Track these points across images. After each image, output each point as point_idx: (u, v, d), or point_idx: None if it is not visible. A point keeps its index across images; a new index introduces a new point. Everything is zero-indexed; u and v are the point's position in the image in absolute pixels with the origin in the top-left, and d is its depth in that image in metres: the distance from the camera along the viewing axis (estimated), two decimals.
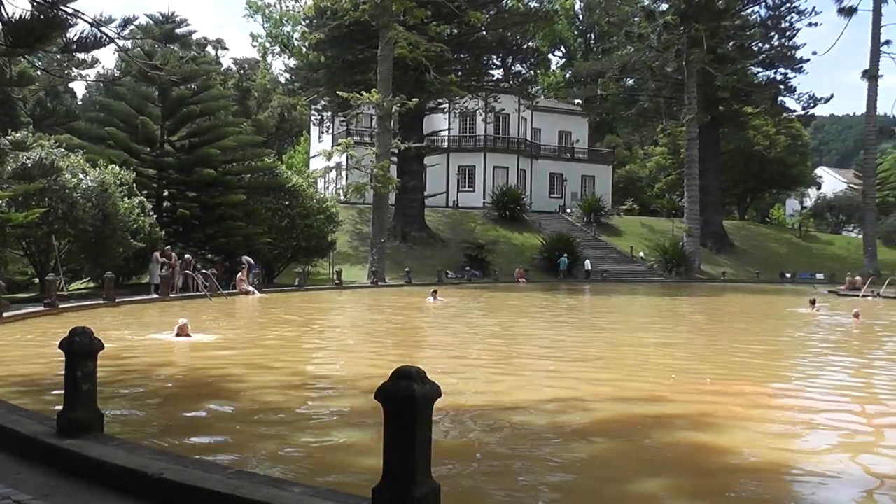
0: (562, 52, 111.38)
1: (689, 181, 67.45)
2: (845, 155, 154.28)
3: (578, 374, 13.94)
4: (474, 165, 74.81)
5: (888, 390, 13.28)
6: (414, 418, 4.77)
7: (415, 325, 24.79)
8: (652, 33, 66.30)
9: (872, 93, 66.14)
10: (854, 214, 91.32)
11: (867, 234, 68.32)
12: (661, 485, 7.15)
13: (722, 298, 41.60)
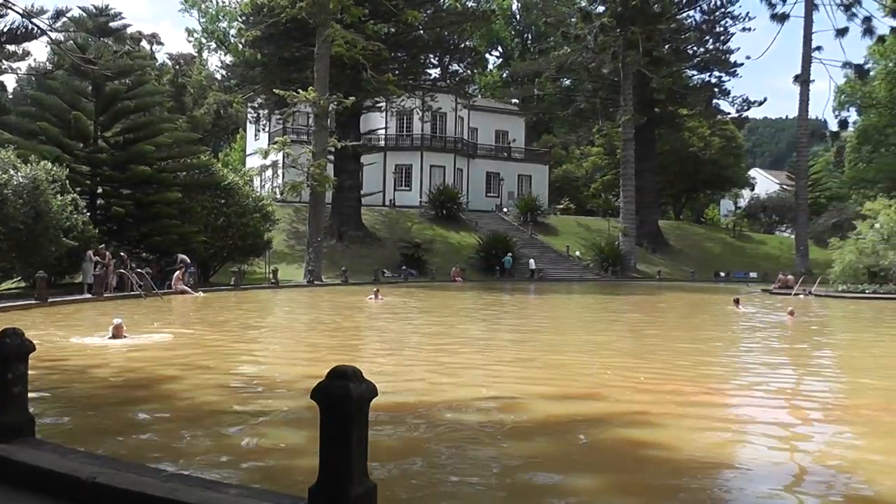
0: (499, 52, 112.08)
1: (625, 181, 68.33)
2: (778, 157, 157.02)
3: (515, 373, 14.03)
4: (411, 164, 75.10)
5: (820, 387, 13.51)
6: (350, 418, 4.73)
7: (353, 325, 24.60)
8: (588, 35, 67.04)
9: (804, 97, 67.47)
10: (787, 215, 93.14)
11: (799, 234, 69.70)
12: (596, 481, 7.22)
13: (657, 297, 41.93)
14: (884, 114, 79.49)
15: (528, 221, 72.56)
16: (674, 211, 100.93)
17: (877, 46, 73.81)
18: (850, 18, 68.10)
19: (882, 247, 46.54)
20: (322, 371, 4.87)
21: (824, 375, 15.13)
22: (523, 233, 69.74)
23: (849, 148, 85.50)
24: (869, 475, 7.43)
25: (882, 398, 12.16)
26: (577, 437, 9.02)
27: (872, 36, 68.62)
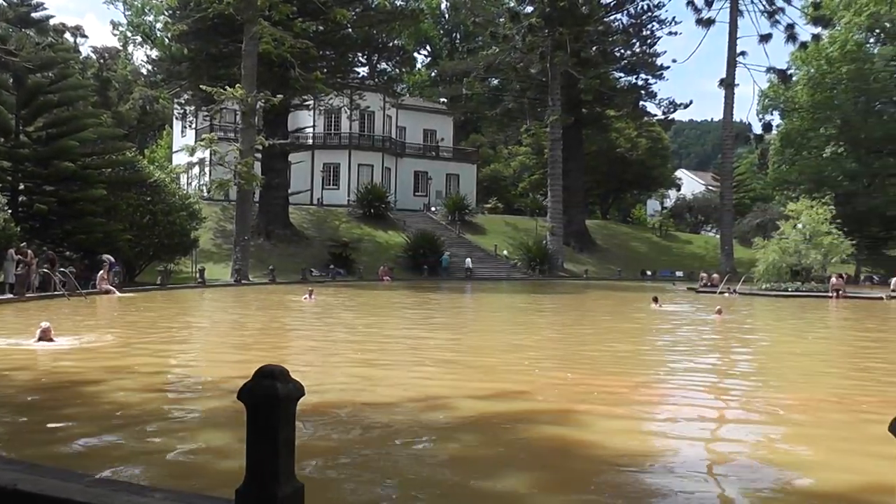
0: (427, 51, 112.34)
1: (553, 181, 68.97)
2: (704, 158, 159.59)
3: (443, 372, 14.16)
4: (339, 163, 74.97)
5: (745, 383, 13.91)
6: (277, 418, 4.67)
7: (283, 324, 24.74)
8: (517, 35, 67.53)
9: (729, 100, 68.75)
10: (712, 215, 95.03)
11: (724, 234, 71.06)
12: (525, 479, 7.28)
13: (584, 296, 42.45)
14: (806, 118, 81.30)
15: (456, 220, 72.88)
16: (601, 211, 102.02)
17: (799, 53, 75.63)
18: (774, 25, 69.83)
19: (804, 246, 47.90)
20: (249, 371, 4.82)
21: (749, 372, 15.53)
22: (451, 232, 70.05)
23: (772, 150, 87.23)
24: (791, 468, 7.78)
25: (804, 394, 12.61)
26: (505, 435, 9.07)
27: (795, 42, 70.37)
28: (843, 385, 13.85)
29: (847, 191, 74.55)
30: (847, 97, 77.15)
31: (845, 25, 76.75)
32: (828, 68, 76.56)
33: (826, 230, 48.48)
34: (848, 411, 11.19)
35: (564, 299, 40.10)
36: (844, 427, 10.04)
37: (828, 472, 7.71)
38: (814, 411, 11.20)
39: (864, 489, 7.08)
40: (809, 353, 19.24)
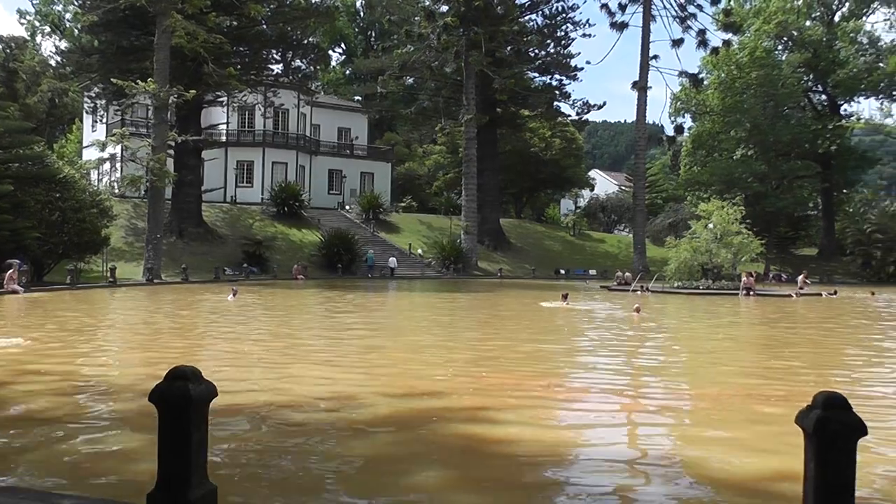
0: (342, 49, 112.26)
1: (467, 180, 69.40)
2: (617, 159, 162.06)
3: (359, 371, 14.15)
4: (253, 160, 74.50)
5: (658, 379, 14.15)
6: (189, 419, 4.67)
7: (198, 323, 24.37)
8: (432, 34, 67.69)
9: (642, 102, 69.98)
10: (625, 214, 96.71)
11: (637, 233, 72.32)
12: (440, 477, 7.35)
13: (498, 294, 42.76)
14: (716, 121, 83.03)
15: (371, 219, 72.94)
16: (515, 210, 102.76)
17: (710, 58, 77.52)
18: (686, 30, 71.38)
19: (715, 245, 49.08)
20: (162, 372, 4.82)
21: (662, 368, 15.85)
22: (366, 230, 70.11)
23: (684, 152, 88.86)
24: (702, 461, 7.99)
25: (715, 389, 13.00)
26: (419, 433, 9.14)
27: (706, 48, 72.27)
28: (752, 380, 14.25)
29: (756, 192, 76.45)
30: (756, 101, 78.98)
31: (755, 32, 78.93)
32: (738, 73, 78.34)
33: (736, 230, 49.75)
34: (756, 405, 11.49)
35: (478, 298, 40.34)
36: (753, 420, 10.33)
37: (737, 463, 7.95)
38: (724, 405, 11.46)
39: (772, 478, 7.35)
40: (721, 350, 19.77)
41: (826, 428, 4.45)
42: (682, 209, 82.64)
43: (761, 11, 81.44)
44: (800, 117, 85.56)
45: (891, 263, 74.53)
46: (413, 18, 73.86)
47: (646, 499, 6.78)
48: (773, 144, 80.00)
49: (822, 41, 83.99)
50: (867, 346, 21.17)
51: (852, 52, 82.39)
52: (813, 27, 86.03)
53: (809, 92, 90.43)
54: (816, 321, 30.46)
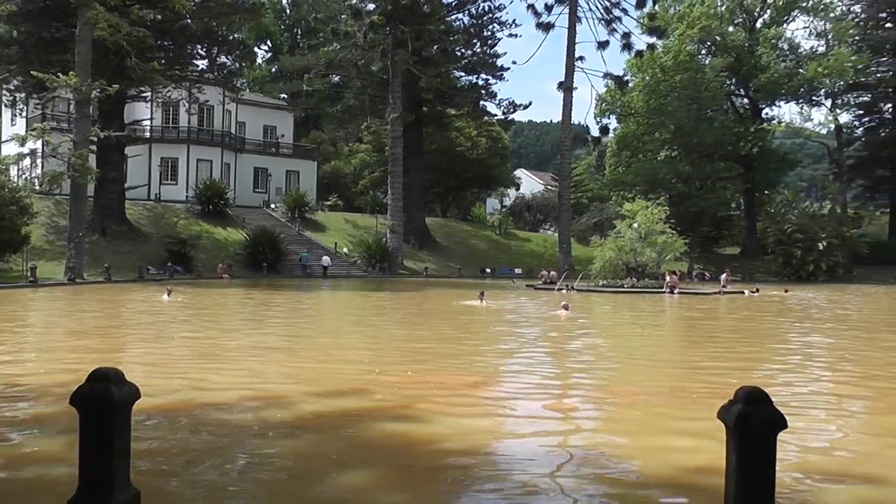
0: (268, 46, 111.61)
1: (393, 179, 69.62)
2: (543, 158, 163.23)
3: (283, 371, 14.23)
4: (177, 157, 73.77)
5: (583, 375, 14.40)
6: (111, 423, 4.58)
7: (119, 324, 24.06)
8: (358, 32, 67.74)
9: (568, 103, 70.65)
10: (550, 214, 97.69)
11: (562, 233, 73.03)
12: (367, 476, 7.36)
13: (423, 293, 43.08)
14: (641, 123, 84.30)
15: (297, 218, 72.75)
16: (441, 208, 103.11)
17: (635, 60, 78.51)
18: (611, 33, 72.41)
19: (639, 245, 50.00)
20: (84, 375, 4.73)
21: (587, 365, 16.04)
22: (291, 229, 69.95)
23: (609, 153, 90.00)
24: (626, 456, 8.21)
25: (639, 385, 13.29)
26: (345, 432, 9.17)
27: (631, 51, 73.19)
28: (675, 376, 14.63)
29: (680, 192, 77.83)
30: (680, 104, 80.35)
31: (679, 37, 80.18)
32: (662, 76, 79.55)
33: (660, 229, 50.73)
34: (679, 401, 11.81)
35: (404, 297, 40.54)
36: (678, 416, 10.56)
37: (660, 458, 8.12)
38: (647, 402, 11.70)
39: (694, 472, 7.53)
40: (646, 347, 20.30)
41: (747, 422, 4.61)
42: (606, 209, 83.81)
43: (685, 16, 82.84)
44: (723, 120, 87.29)
45: (810, 262, 76.34)
46: (339, 16, 73.78)
47: (570, 495, 6.85)
48: (697, 146, 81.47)
49: (745, 46, 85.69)
50: (787, 341, 22.01)
51: (773, 58, 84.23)
52: (735, 33, 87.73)
53: (732, 95, 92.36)
54: (739, 318, 31.36)
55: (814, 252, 76.29)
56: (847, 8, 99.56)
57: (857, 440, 9.54)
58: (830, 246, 76.37)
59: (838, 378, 14.97)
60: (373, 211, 78.81)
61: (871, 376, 14.80)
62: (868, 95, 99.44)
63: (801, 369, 16.12)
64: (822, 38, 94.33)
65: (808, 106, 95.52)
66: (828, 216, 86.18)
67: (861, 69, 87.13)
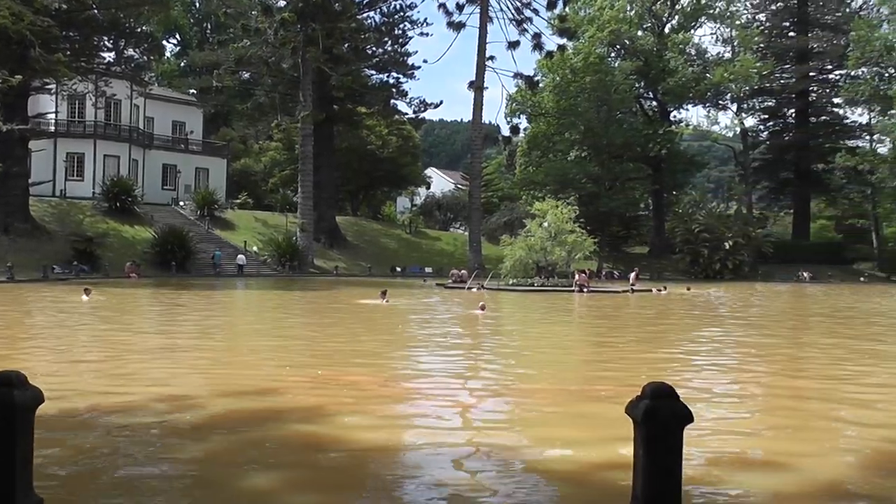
0: (177, 40, 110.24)
1: (304, 177, 69.57)
2: (454, 157, 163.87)
3: (192, 372, 14.05)
4: (84, 153, 72.48)
5: (495, 374, 14.49)
6: (13, 428, 4.45)
7: (24, 325, 23.32)
8: (269, 29, 67.39)
9: (478, 102, 71.17)
10: (461, 213, 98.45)
11: (473, 232, 73.59)
12: (277, 477, 7.30)
13: (334, 292, 43.09)
14: (551, 123, 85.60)
15: (206, 216, 72.13)
16: (351, 207, 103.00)
17: (545, 61, 79.48)
18: (522, 33, 73.01)
19: (550, 244, 50.83)
20: None
21: (498, 364, 16.22)
22: (200, 227, 69.36)
23: (519, 152, 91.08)
24: (536, 453, 8.35)
25: (550, 383, 13.55)
26: (255, 433, 9.09)
27: (542, 51, 73.88)
28: (585, 374, 15.05)
29: (590, 192, 79.39)
30: (590, 105, 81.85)
31: (589, 39, 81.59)
32: (572, 77, 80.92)
33: (570, 229, 51.66)
34: (588, 398, 12.06)
35: (314, 295, 40.59)
36: (587, 412, 10.84)
37: (571, 454, 8.39)
38: (558, 399, 11.90)
39: (603, 467, 7.72)
40: (556, 345, 20.72)
41: (654, 417, 4.75)
42: (517, 208, 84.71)
43: (595, 19, 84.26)
44: (632, 122, 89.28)
45: (717, 261, 78.49)
46: (250, 12, 73.29)
47: (480, 493, 6.93)
48: (607, 147, 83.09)
49: (653, 51, 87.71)
50: (693, 338, 22.81)
51: (681, 63, 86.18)
52: (644, 37, 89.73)
53: (641, 98, 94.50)
54: (647, 316, 32.25)
55: (720, 251, 78.45)
56: (752, 16, 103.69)
57: (761, 431, 10.00)
58: (736, 245, 78.69)
59: (743, 372, 15.59)
60: (283, 209, 78.36)
61: (775, 371, 15.52)
62: (772, 100, 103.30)
63: (707, 364, 16.75)
64: (728, 45, 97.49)
65: (715, 110, 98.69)
66: (734, 216, 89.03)
67: (766, 75, 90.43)
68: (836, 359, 17.58)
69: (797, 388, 13.48)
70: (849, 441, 9.35)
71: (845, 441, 9.36)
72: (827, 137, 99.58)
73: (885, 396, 12.66)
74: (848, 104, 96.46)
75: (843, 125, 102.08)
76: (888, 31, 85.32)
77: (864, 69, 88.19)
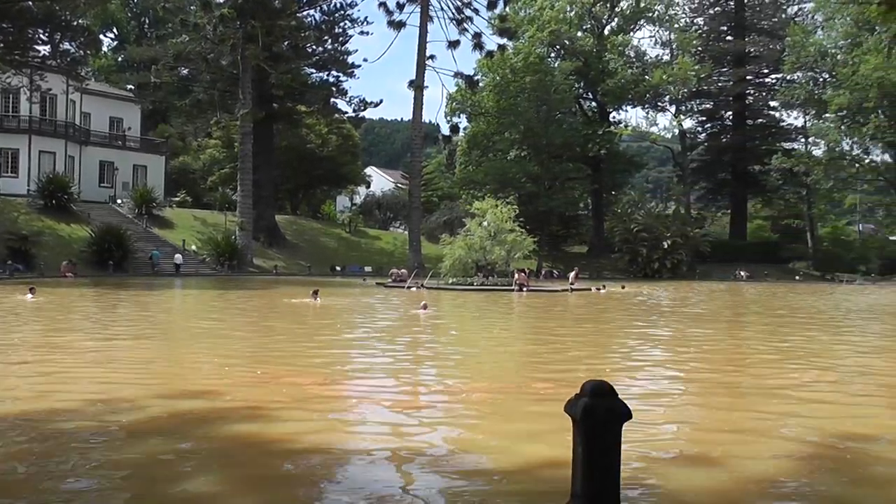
0: (114, 34, 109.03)
1: (243, 175, 69.37)
2: (393, 156, 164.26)
3: (131, 373, 13.69)
4: (18, 149, 71.62)
5: (436, 374, 14.48)
6: None
7: None
8: (208, 24, 67.08)
9: (419, 101, 71.52)
10: (401, 212, 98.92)
11: (413, 231, 74.08)
12: (217, 479, 7.24)
13: (275, 291, 42.89)
14: (491, 122, 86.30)
15: (144, 214, 71.68)
16: (291, 206, 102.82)
17: (486, 61, 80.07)
18: (462, 33, 73.52)
19: (489, 243, 51.33)
20: None
21: (438, 363, 16.21)
22: (139, 226, 68.92)
23: (460, 151, 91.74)
24: (475, 452, 8.29)
25: (489, 382, 13.52)
26: (194, 435, 8.96)
27: (482, 51, 74.26)
28: (524, 372, 15.01)
29: (530, 192, 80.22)
30: (530, 105, 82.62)
31: (529, 39, 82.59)
32: (512, 77, 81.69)
33: (510, 228, 52.20)
34: (527, 396, 12.04)
35: (255, 295, 40.10)
36: (524, 411, 10.81)
37: (508, 453, 8.27)
38: (497, 398, 11.82)
39: (542, 466, 7.71)
40: (496, 345, 20.71)
41: (593, 414, 4.84)
42: (457, 207, 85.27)
43: (535, 19, 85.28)
44: (571, 122, 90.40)
45: (655, 260, 79.89)
46: (189, 7, 72.88)
47: (418, 492, 6.92)
48: (546, 147, 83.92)
49: (593, 52, 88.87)
50: (632, 335, 23.15)
51: (620, 64, 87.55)
52: (584, 38, 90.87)
53: (581, 98, 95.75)
54: (587, 314, 32.73)
55: (659, 250, 79.80)
56: (691, 20, 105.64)
57: (699, 427, 10.16)
58: (675, 245, 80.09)
59: (681, 369, 15.95)
60: (222, 208, 78.00)
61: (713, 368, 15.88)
62: (710, 103, 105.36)
63: (646, 361, 16.95)
64: (667, 48, 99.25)
65: (654, 111, 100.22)
66: (672, 216, 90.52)
67: (704, 78, 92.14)
68: (773, 355, 18.01)
69: (734, 384, 13.79)
70: (784, 436, 9.56)
71: (781, 437, 9.54)
72: (763, 140, 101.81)
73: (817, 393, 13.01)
74: (784, 107, 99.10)
75: (779, 128, 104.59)
76: (822, 37, 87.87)
77: (800, 74, 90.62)
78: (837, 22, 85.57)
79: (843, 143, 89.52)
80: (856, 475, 7.87)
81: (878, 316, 34.05)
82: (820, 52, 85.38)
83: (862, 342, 22.42)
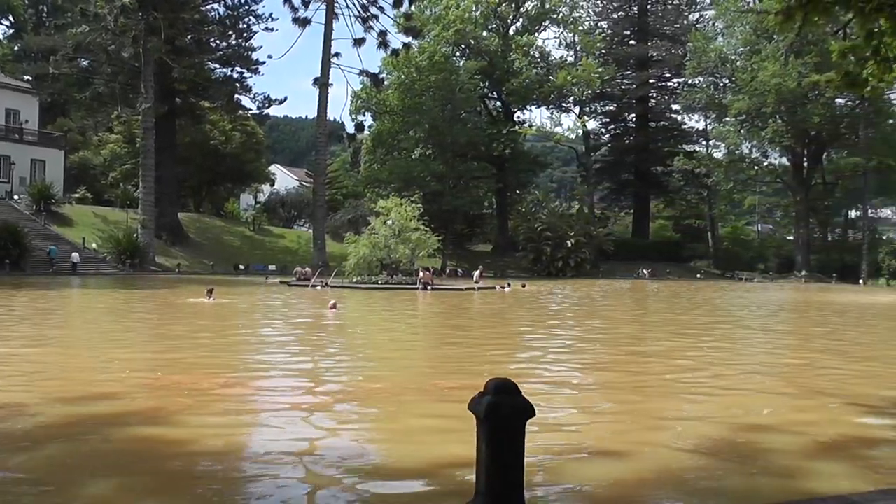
0: (10, 22, 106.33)
1: (145, 171, 68.35)
2: (298, 154, 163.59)
3: (25, 377, 13.35)
4: None
5: (340, 374, 14.47)
6: None
7: None
8: (109, 15, 65.78)
9: (323, 99, 71.48)
10: (305, 210, 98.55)
11: (317, 229, 74.02)
12: (118, 483, 7.20)
13: (176, 291, 42.35)
14: (396, 121, 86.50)
15: (42, 210, 70.06)
16: (194, 204, 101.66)
17: (391, 59, 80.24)
18: (368, 31, 73.91)
19: (394, 241, 51.54)
20: None
21: (343, 363, 16.27)
22: (37, 223, 67.32)
23: (364, 150, 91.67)
24: (379, 451, 8.62)
25: (394, 381, 13.66)
26: (93, 439, 8.83)
27: (387, 49, 74.42)
28: (428, 371, 15.32)
29: (434, 190, 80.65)
30: (435, 104, 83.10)
31: (434, 38, 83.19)
32: (417, 76, 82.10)
33: (414, 226, 52.51)
34: (431, 395, 12.28)
35: (155, 295, 39.54)
36: (428, 410, 10.99)
37: (413, 451, 8.47)
38: (402, 397, 12.03)
39: (447, 464, 7.88)
40: (399, 344, 20.97)
41: (497, 412, 4.92)
42: (361, 206, 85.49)
43: (441, 18, 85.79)
44: (476, 121, 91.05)
45: (559, 259, 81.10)
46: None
47: (320, 494, 7.01)
48: (451, 146, 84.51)
49: (498, 52, 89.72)
50: (535, 333, 23.66)
51: (525, 64, 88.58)
52: (489, 38, 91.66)
53: (486, 98, 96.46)
54: (491, 312, 33.32)
55: (563, 249, 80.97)
56: (595, 23, 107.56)
57: (602, 423, 10.40)
58: (578, 244, 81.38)
59: (584, 365, 16.44)
60: (124, 205, 76.62)
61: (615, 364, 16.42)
62: (614, 105, 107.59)
63: (550, 359, 17.04)
64: (571, 49, 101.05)
65: (559, 111, 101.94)
66: (576, 216, 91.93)
67: (607, 80, 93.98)
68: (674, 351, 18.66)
69: (637, 379, 14.20)
70: (685, 430, 9.95)
71: (682, 429, 9.95)
72: (666, 141, 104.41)
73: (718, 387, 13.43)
74: (685, 110, 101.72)
75: (681, 130, 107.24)
76: (723, 43, 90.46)
77: (701, 78, 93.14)
78: (737, 29, 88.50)
79: (742, 146, 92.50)
80: (756, 466, 8.16)
81: (775, 312, 35.35)
82: (720, 58, 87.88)
83: (763, 337, 23.47)
